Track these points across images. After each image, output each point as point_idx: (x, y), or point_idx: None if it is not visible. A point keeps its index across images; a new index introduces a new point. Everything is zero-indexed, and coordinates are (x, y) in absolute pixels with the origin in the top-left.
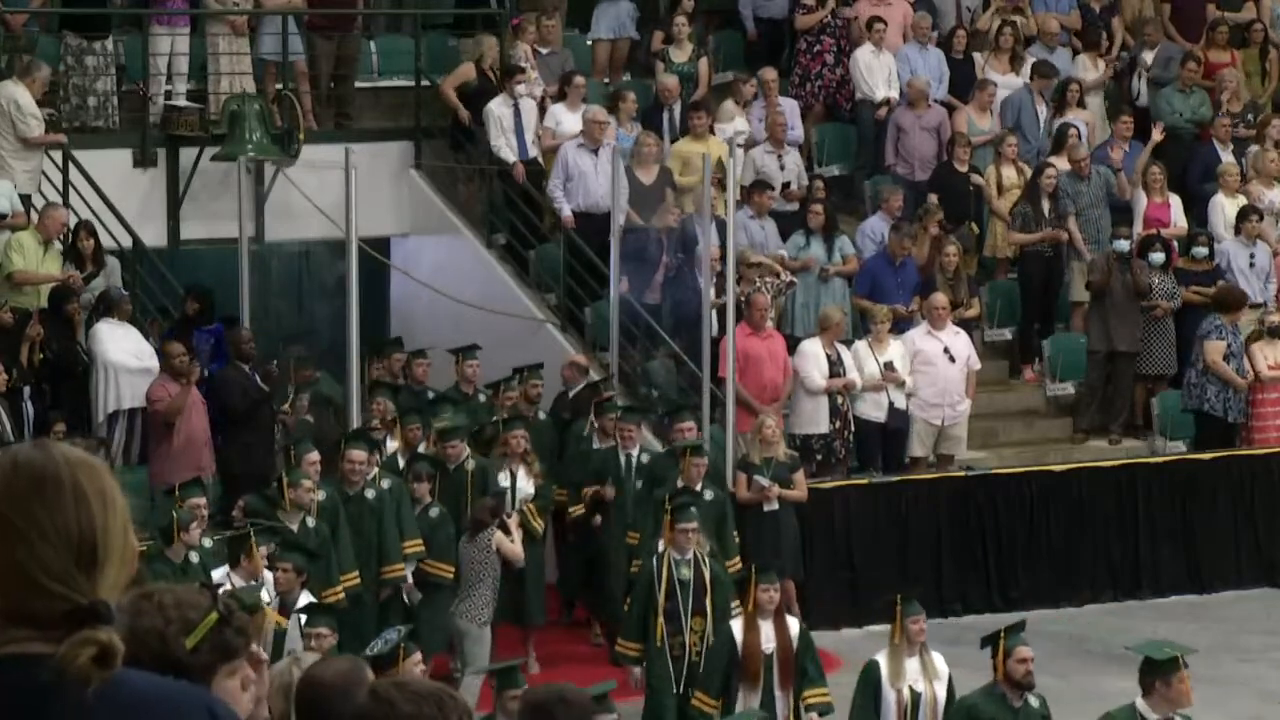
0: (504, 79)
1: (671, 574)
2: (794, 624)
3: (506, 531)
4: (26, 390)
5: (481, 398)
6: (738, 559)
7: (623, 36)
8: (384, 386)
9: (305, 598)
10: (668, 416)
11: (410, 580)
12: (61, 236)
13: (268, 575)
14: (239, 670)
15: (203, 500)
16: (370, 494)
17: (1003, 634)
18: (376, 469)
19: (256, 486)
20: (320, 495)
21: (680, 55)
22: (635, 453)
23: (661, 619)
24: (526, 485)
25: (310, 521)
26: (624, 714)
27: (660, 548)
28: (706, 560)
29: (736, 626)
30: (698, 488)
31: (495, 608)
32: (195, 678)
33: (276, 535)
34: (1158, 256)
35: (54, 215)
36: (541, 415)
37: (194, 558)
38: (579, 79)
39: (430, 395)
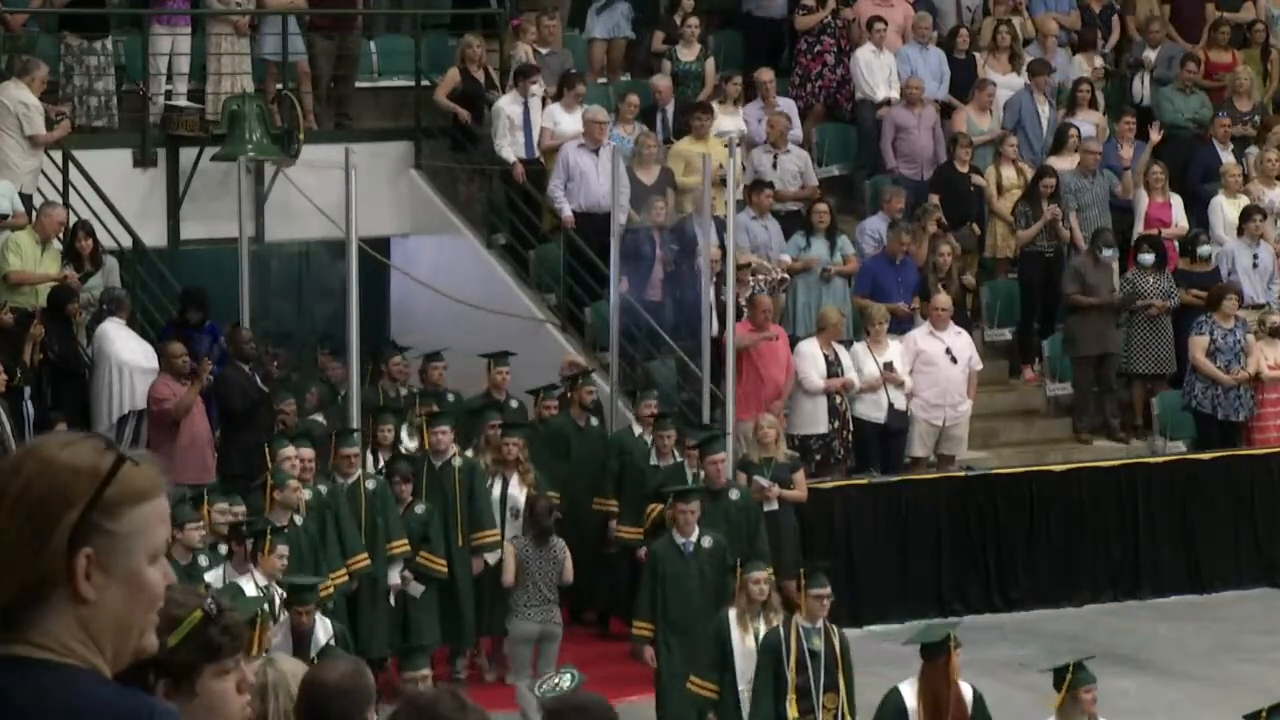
0: (508, 77)
1: (801, 645)
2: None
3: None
4: (27, 390)
5: (514, 404)
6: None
7: (619, 36)
8: (391, 412)
9: (322, 625)
10: (700, 446)
11: (398, 580)
12: (61, 236)
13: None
14: (231, 672)
15: (226, 505)
16: (370, 484)
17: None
18: (361, 470)
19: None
20: (307, 494)
21: (688, 54)
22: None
23: (794, 696)
24: (518, 494)
25: (299, 520)
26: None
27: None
28: (836, 629)
29: (908, 692)
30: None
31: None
32: (177, 676)
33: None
34: (1146, 257)
35: (51, 214)
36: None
37: (202, 560)
38: (580, 83)
39: (450, 398)
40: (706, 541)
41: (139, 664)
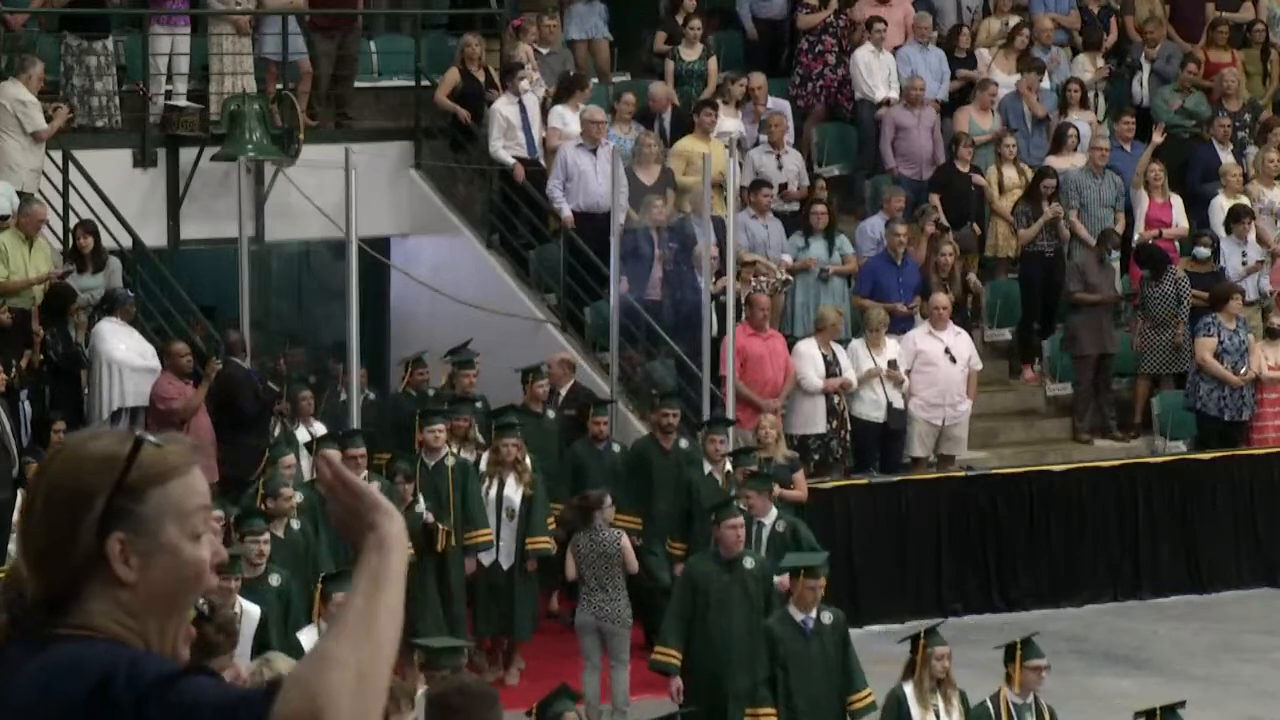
0: (504, 77)
1: None
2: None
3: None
4: (25, 390)
5: (550, 414)
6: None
7: (597, 37)
8: (438, 414)
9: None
10: (706, 426)
11: None
12: (62, 235)
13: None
14: (226, 669)
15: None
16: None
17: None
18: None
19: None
20: (299, 497)
21: (690, 54)
22: (769, 521)
23: None
24: (514, 495)
25: (295, 524)
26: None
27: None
28: (1047, 706)
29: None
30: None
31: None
32: None
33: None
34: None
35: (33, 211)
36: (550, 414)
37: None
38: (585, 84)
39: (478, 405)
40: (827, 617)
41: None
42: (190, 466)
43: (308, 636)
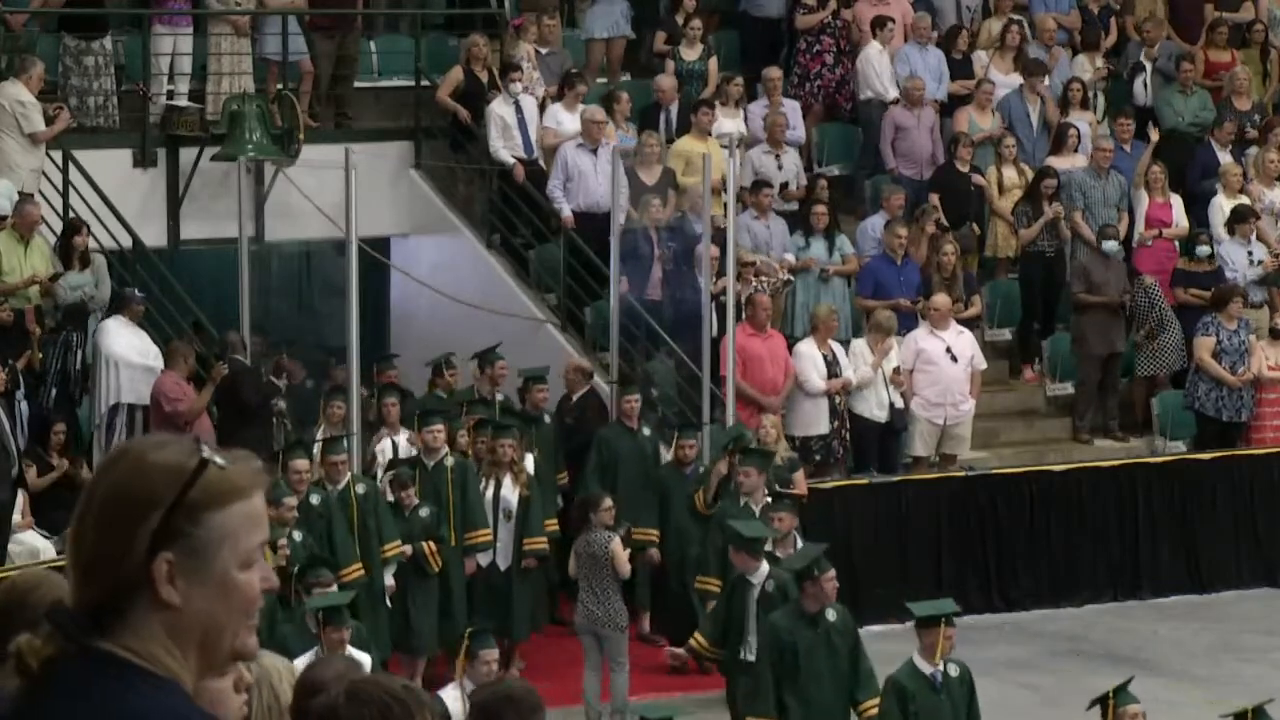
0: (500, 78)
1: None
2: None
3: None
4: (21, 389)
5: (547, 419)
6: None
7: (618, 36)
8: (439, 414)
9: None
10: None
11: (392, 582)
12: (59, 233)
13: None
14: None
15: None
16: (360, 489)
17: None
18: (350, 473)
19: None
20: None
21: (691, 54)
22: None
23: None
24: (511, 495)
25: (297, 535)
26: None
27: None
28: None
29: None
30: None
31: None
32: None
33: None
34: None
35: (26, 211)
36: (546, 419)
37: None
38: (581, 83)
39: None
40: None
41: None
42: (254, 490)
43: (449, 695)
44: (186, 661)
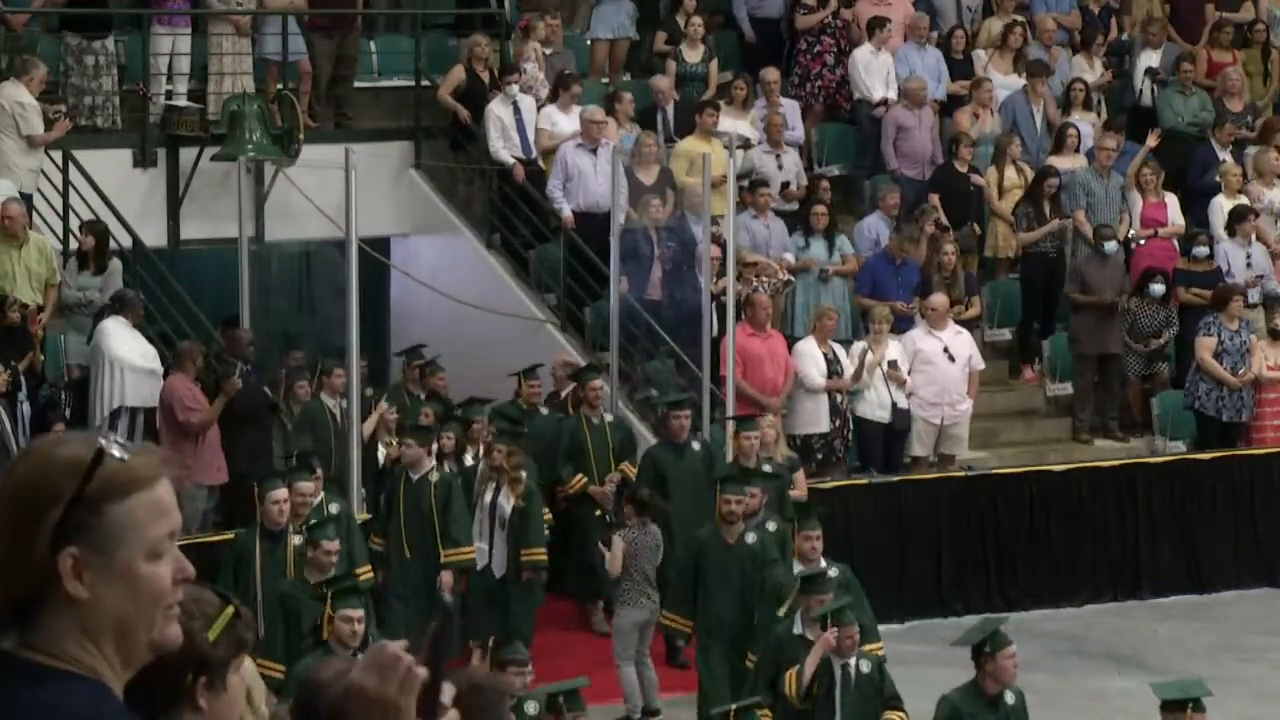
0: (499, 77)
1: None
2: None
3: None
4: (23, 390)
5: (544, 411)
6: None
7: (622, 36)
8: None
9: None
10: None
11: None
12: (62, 236)
13: None
14: (240, 668)
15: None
16: (334, 508)
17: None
18: (322, 494)
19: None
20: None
21: (693, 55)
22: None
23: None
24: (505, 504)
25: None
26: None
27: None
28: None
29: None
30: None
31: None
32: (216, 673)
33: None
34: (1158, 288)
35: (12, 212)
36: (544, 411)
37: None
38: (575, 83)
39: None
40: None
41: (179, 663)
42: (157, 479)
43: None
44: (104, 655)
